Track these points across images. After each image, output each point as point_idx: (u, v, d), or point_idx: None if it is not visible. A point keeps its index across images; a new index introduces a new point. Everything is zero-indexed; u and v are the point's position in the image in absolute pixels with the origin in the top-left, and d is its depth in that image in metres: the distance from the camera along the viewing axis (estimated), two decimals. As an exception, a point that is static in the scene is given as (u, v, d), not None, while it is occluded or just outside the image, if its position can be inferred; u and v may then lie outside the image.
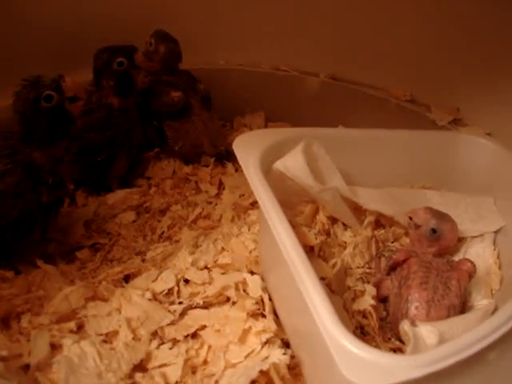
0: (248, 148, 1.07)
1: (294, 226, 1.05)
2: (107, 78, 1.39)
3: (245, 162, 1.03)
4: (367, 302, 1.00)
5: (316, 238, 1.09)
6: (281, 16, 1.66)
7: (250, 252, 1.15)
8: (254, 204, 1.32)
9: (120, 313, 0.99)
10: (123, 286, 1.08)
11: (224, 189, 1.42)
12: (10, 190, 1.06)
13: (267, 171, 1.05)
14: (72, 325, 0.95)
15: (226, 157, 1.50)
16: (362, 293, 1.03)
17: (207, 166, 1.49)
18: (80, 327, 0.97)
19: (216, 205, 1.36)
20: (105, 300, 1.03)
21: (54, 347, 0.92)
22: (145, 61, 1.43)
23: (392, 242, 1.20)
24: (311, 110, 1.65)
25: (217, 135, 1.54)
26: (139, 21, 1.56)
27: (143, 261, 1.19)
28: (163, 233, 1.28)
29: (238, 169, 1.47)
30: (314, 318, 0.73)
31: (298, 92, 1.68)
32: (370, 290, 1.03)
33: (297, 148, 1.09)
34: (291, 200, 1.13)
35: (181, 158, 1.52)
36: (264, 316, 1.01)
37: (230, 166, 1.48)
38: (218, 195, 1.40)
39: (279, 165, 1.08)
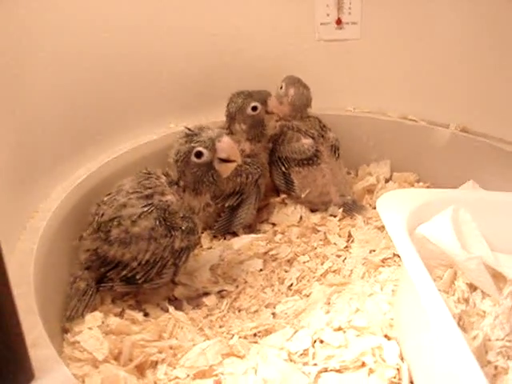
0: (392, 208, 1.04)
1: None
2: (240, 122, 1.40)
3: (390, 223, 1.00)
4: (512, 382, 0.94)
5: (456, 307, 1.03)
6: (410, 64, 1.63)
7: (385, 314, 1.11)
8: (385, 261, 1.29)
9: (256, 372, 0.97)
10: (256, 342, 1.06)
11: (353, 242, 1.38)
12: (145, 234, 1.08)
13: (409, 233, 1.02)
14: (209, 382, 0.94)
15: (354, 207, 1.47)
16: (505, 369, 0.96)
17: (334, 216, 1.46)
18: (217, 384, 0.95)
19: (345, 258, 1.33)
20: (240, 357, 1.01)
21: (193, 404, 0.92)
22: (277, 106, 1.43)
23: (532, 314, 1.12)
24: (439, 162, 1.61)
25: (344, 184, 1.51)
26: (273, 67, 1.57)
27: (273, 315, 1.17)
28: (292, 285, 1.26)
29: (366, 221, 1.43)
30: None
31: (426, 142, 1.63)
32: (514, 368, 0.97)
33: (444, 214, 1.05)
34: (428, 263, 1.07)
35: (306, 206, 1.50)
36: (401, 385, 0.97)
37: (359, 219, 1.45)
38: (346, 248, 1.37)
39: (424, 229, 1.04)
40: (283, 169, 1.49)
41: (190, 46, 1.52)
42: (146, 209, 1.08)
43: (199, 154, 1.09)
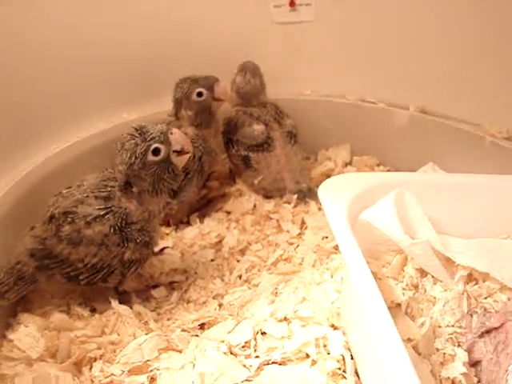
0: (334, 194, 1.00)
1: (381, 278, 0.99)
2: (186, 108, 1.38)
3: (330, 210, 0.96)
4: (457, 369, 0.90)
5: (404, 294, 1.00)
6: (367, 45, 1.59)
7: (332, 303, 1.08)
8: (338, 248, 1.25)
9: (194, 366, 0.95)
10: (197, 335, 1.04)
11: (306, 228, 1.36)
12: (97, 239, 1.03)
13: (354, 219, 0.99)
14: (143, 378, 0.92)
15: (309, 194, 1.44)
16: (452, 357, 0.93)
17: (289, 203, 1.43)
18: (152, 380, 0.93)
19: (297, 246, 1.31)
20: (179, 351, 0.99)
21: (125, 401, 0.89)
22: (224, 92, 1.40)
23: (485, 298, 1.08)
24: (399, 145, 1.58)
25: (300, 170, 1.48)
26: (227, 52, 1.54)
27: (220, 306, 1.14)
28: (241, 274, 1.24)
29: (321, 208, 1.40)
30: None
31: (386, 125, 1.60)
32: (461, 355, 0.93)
33: (387, 198, 1.02)
34: (378, 249, 1.06)
35: (261, 193, 1.48)
36: (345, 377, 0.94)
37: (313, 205, 1.42)
38: (299, 235, 1.34)
39: (367, 215, 1.01)
40: (233, 151, 1.48)
41: (142, 33, 1.49)
42: (102, 212, 1.03)
43: (157, 151, 1.02)
